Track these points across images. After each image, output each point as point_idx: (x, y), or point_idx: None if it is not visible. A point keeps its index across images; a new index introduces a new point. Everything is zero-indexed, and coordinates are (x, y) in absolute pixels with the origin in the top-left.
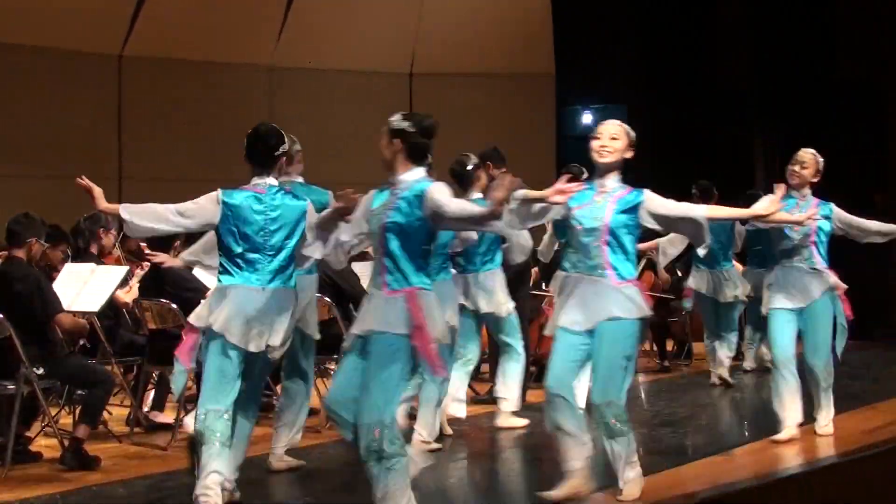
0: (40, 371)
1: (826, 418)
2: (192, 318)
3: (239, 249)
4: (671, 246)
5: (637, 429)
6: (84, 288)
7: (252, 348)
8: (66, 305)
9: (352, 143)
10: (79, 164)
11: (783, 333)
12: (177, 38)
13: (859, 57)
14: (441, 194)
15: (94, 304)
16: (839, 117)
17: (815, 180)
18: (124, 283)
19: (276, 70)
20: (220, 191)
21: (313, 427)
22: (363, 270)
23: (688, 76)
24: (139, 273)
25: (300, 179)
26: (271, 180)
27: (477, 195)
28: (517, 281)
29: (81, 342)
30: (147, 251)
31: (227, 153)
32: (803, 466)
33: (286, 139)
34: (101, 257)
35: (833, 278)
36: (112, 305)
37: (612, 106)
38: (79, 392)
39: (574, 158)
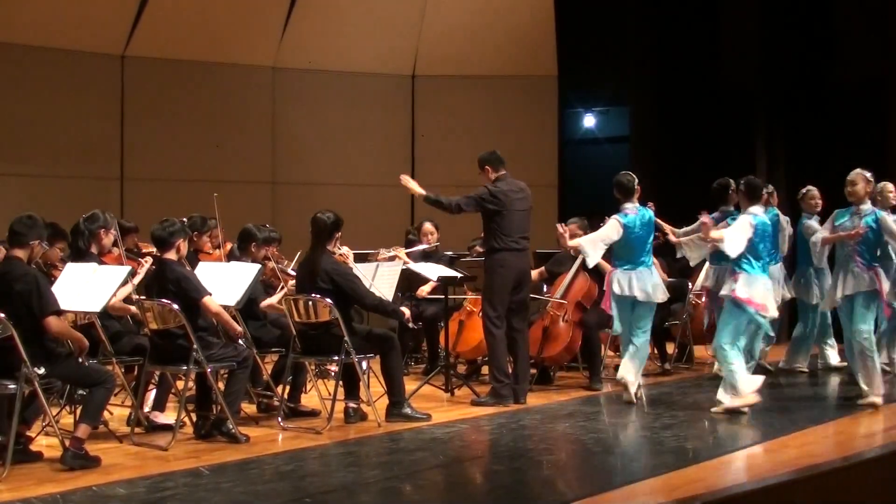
0: (41, 371)
1: None
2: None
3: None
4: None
5: (639, 432)
6: (86, 288)
7: None
8: (67, 305)
9: (353, 144)
10: (81, 164)
11: None
12: (179, 39)
13: (862, 58)
14: None
15: (97, 304)
16: (842, 119)
17: None
18: (125, 282)
19: (279, 71)
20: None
21: (313, 428)
22: (366, 272)
23: (691, 78)
24: (141, 271)
25: None
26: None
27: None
28: (515, 284)
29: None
30: (145, 250)
31: (228, 153)
32: (805, 470)
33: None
34: (101, 257)
35: None
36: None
37: (615, 108)
38: (80, 392)
39: (576, 161)
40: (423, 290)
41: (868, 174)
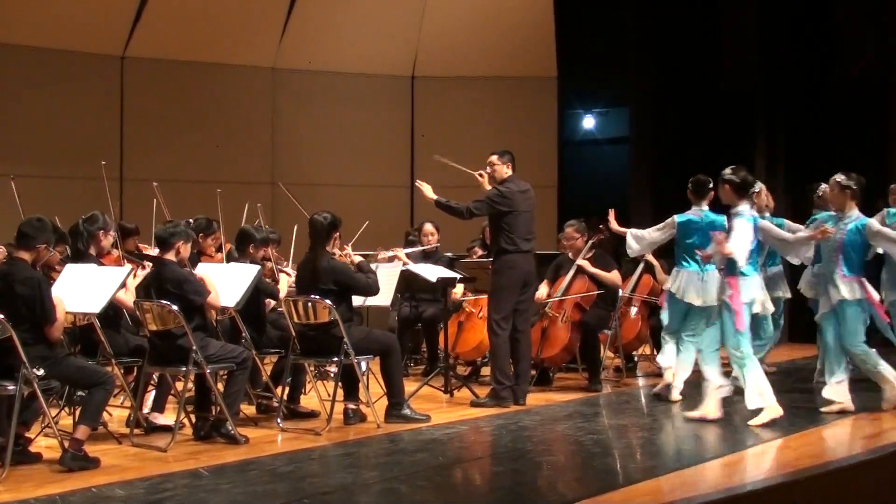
0: (40, 372)
1: None
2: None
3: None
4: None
5: (637, 433)
6: (85, 289)
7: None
8: (67, 306)
9: (352, 145)
10: (81, 164)
11: None
12: (179, 40)
13: (862, 58)
14: None
15: (96, 304)
16: (842, 120)
17: None
18: (124, 283)
19: (278, 72)
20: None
21: (312, 429)
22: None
23: (691, 78)
24: (141, 273)
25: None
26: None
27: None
28: (522, 285)
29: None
30: (146, 251)
31: (228, 154)
32: (802, 472)
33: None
34: (99, 258)
35: None
36: (113, 306)
37: (614, 109)
38: (79, 393)
39: (575, 162)
40: (456, 293)
41: None
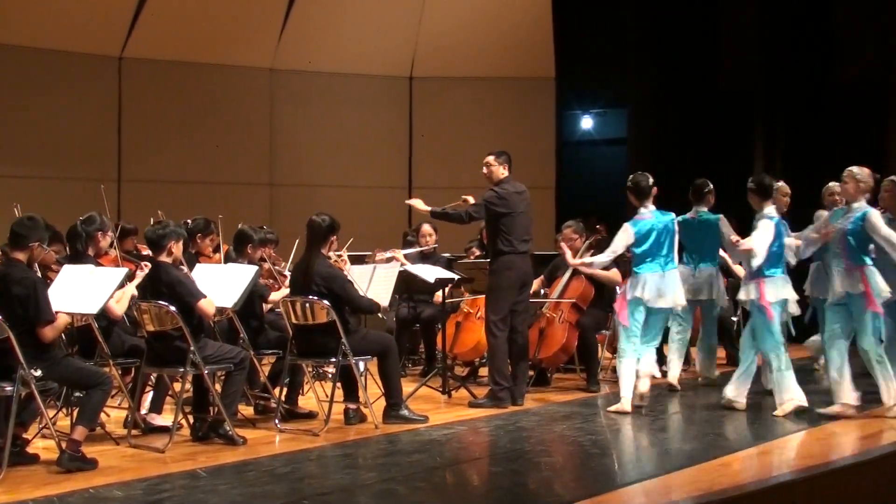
0: (38, 373)
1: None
2: None
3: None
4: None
5: (635, 434)
6: (83, 289)
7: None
8: (64, 307)
9: (351, 145)
10: (79, 165)
11: None
12: (177, 40)
13: (862, 58)
14: None
15: (93, 305)
16: (842, 120)
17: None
18: (122, 284)
19: (276, 72)
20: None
21: (310, 430)
22: (363, 274)
23: (690, 79)
24: (140, 274)
25: None
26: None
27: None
28: (520, 286)
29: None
30: (145, 252)
31: (226, 155)
32: (800, 473)
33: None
34: (97, 259)
35: None
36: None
37: (613, 110)
38: (76, 394)
39: (574, 163)
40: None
41: (858, 171)
